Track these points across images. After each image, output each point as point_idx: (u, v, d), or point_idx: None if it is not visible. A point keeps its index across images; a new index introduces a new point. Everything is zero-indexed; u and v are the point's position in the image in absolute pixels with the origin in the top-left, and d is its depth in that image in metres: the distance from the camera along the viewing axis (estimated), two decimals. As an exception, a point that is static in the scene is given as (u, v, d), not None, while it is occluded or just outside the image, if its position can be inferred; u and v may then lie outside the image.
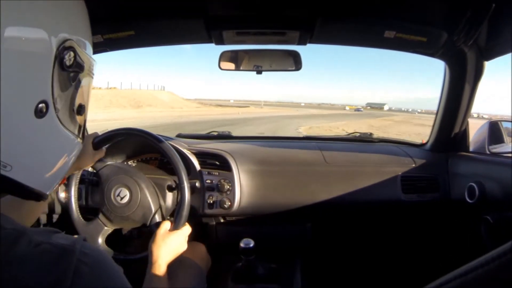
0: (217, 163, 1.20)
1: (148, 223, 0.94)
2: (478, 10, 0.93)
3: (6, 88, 0.31)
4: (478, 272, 0.25)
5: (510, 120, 1.32)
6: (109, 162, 1.00)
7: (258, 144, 1.49)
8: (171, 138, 1.34)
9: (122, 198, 0.94)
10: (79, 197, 1.00)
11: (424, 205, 1.25)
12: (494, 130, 1.30)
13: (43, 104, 0.36)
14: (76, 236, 0.38)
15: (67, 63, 0.38)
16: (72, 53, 0.39)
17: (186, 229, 0.88)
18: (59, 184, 1.05)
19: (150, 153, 1.28)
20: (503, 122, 1.39)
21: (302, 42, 1.16)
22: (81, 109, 0.45)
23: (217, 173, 1.18)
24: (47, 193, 0.42)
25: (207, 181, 1.17)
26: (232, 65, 1.25)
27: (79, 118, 0.45)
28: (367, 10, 1.04)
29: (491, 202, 1.02)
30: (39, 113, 0.36)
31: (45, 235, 0.35)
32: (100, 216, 0.96)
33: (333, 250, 1.47)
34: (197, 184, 1.12)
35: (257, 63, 1.24)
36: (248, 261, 1.11)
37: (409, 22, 1.06)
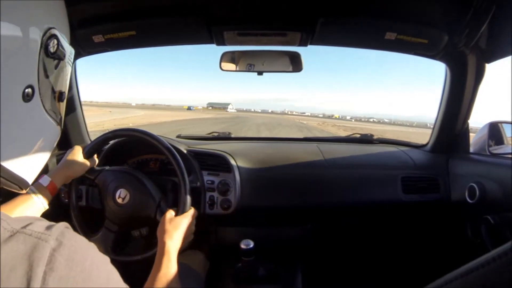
0: (218, 164, 1.20)
1: (153, 215, 0.93)
2: (479, 12, 0.93)
3: None
4: (479, 272, 0.25)
5: (510, 121, 1.32)
6: (104, 167, 0.99)
7: (259, 145, 1.49)
8: (171, 139, 1.34)
9: (123, 199, 0.93)
10: (79, 199, 1.00)
11: (424, 206, 1.25)
12: (494, 131, 1.30)
13: (30, 89, 0.38)
14: (58, 223, 0.35)
15: (51, 50, 0.41)
16: (55, 41, 0.41)
17: (192, 211, 0.87)
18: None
19: (150, 154, 1.28)
20: (503, 124, 1.38)
21: (303, 43, 1.17)
22: (62, 96, 0.47)
23: (218, 174, 1.18)
24: (30, 182, 0.43)
25: (208, 182, 1.17)
26: (233, 66, 1.25)
27: (59, 105, 0.47)
28: (368, 12, 1.04)
29: (491, 202, 1.02)
30: (26, 97, 0.37)
31: (22, 222, 0.33)
32: (106, 223, 0.95)
33: (334, 251, 1.46)
34: (198, 184, 1.12)
35: (258, 64, 1.24)
36: (248, 262, 1.11)
37: (410, 24, 1.06)
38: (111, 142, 1.12)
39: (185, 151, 1.20)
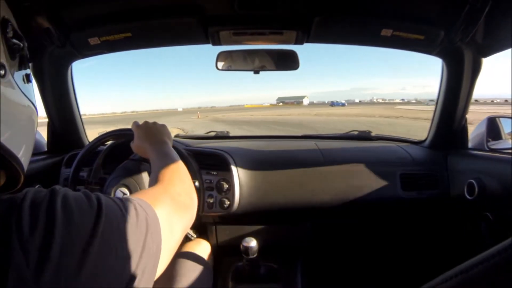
0: (216, 163, 1.20)
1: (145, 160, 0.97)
2: (475, 7, 0.93)
3: None
4: (479, 268, 0.25)
5: (509, 116, 1.32)
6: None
7: (257, 144, 1.49)
8: None
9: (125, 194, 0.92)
10: None
11: (424, 202, 1.25)
12: (493, 127, 1.30)
13: (3, 69, 0.41)
14: None
15: (10, 35, 0.45)
16: (11, 26, 0.45)
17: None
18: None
19: None
20: (501, 118, 1.38)
21: (299, 41, 1.16)
22: (29, 77, 0.51)
23: (216, 173, 1.18)
24: (25, 166, 0.45)
25: (206, 181, 1.16)
26: (229, 66, 1.24)
27: (29, 86, 0.51)
28: (364, 9, 1.04)
29: (490, 198, 1.02)
30: (1, 73, 0.41)
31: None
32: None
33: (333, 249, 1.46)
34: (196, 184, 1.11)
35: (254, 63, 1.24)
36: (249, 260, 1.11)
37: (406, 20, 1.06)
38: (108, 143, 1.11)
39: (183, 151, 1.19)
